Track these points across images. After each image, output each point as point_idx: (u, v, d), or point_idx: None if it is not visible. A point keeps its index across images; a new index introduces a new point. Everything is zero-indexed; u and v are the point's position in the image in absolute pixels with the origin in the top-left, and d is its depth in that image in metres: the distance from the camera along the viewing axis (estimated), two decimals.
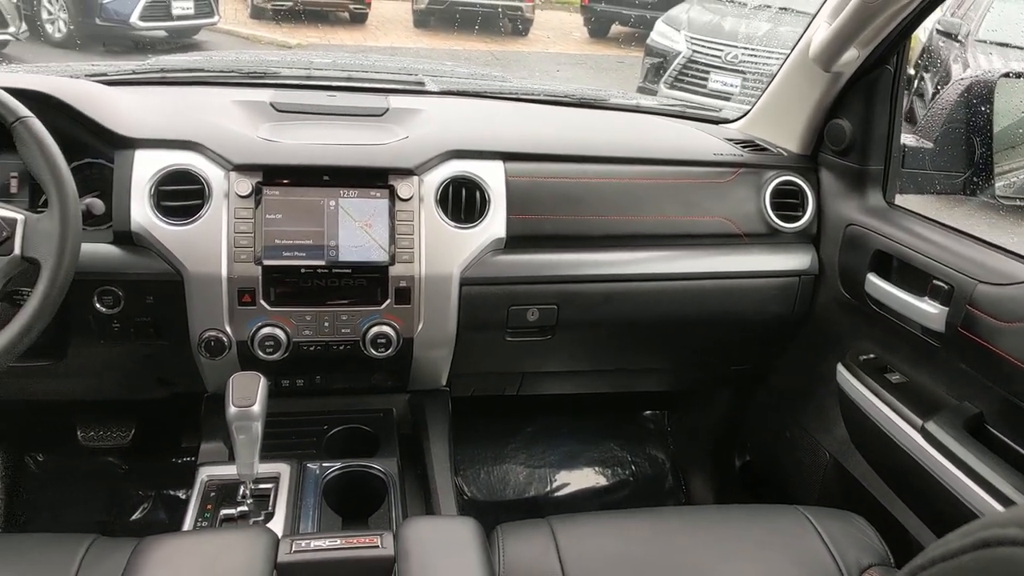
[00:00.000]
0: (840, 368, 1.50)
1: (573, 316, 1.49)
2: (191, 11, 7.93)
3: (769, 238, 1.57)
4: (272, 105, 1.55)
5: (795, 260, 1.58)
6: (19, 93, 1.17)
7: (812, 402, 1.68)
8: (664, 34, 6.12)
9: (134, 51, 7.51)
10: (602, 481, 2.10)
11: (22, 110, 1.12)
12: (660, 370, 1.87)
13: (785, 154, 1.63)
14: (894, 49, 1.41)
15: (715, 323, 1.60)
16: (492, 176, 1.44)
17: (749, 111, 1.78)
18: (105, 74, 1.70)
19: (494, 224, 1.43)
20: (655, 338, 1.65)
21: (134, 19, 7.47)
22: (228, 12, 9.04)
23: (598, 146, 1.55)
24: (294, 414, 1.51)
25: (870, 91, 1.46)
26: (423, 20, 10.01)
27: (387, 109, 1.59)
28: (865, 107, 1.48)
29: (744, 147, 1.64)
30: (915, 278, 1.35)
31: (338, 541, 0.97)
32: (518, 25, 10.03)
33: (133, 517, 1.91)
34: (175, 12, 7.79)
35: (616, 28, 10.06)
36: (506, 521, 1.21)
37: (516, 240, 1.44)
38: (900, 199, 1.55)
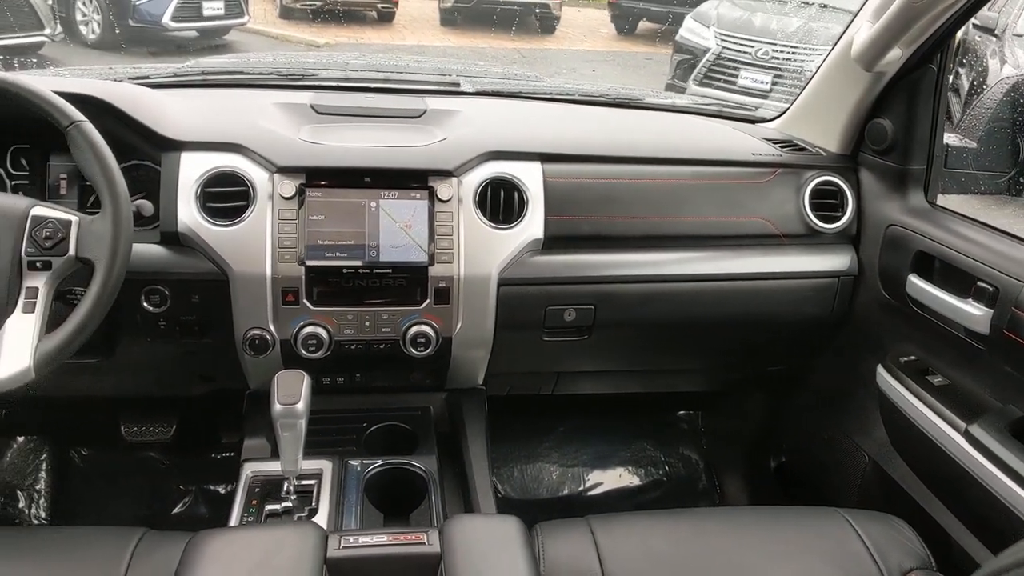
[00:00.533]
0: (880, 370, 1.49)
1: (610, 316, 1.50)
2: (221, 11, 8.02)
3: (808, 239, 1.56)
4: (312, 107, 1.57)
5: (834, 261, 1.57)
6: (71, 97, 1.20)
7: (850, 404, 1.66)
8: (693, 30, 6.07)
9: (166, 52, 7.62)
10: (635, 481, 2.10)
11: (76, 114, 1.15)
12: (695, 370, 1.87)
13: (824, 154, 1.62)
14: (938, 48, 1.40)
15: (752, 324, 1.59)
16: (530, 177, 1.45)
17: (786, 110, 1.77)
18: (148, 77, 1.73)
19: (532, 225, 1.44)
20: (692, 339, 1.65)
21: (166, 20, 7.58)
22: (257, 12, 9.12)
23: (636, 146, 1.55)
24: (334, 411, 1.53)
25: (913, 90, 1.45)
26: (450, 18, 10.04)
27: (425, 111, 1.61)
28: (907, 106, 1.46)
29: (782, 147, 1.63)
30: (958, 279, 1.33)
31: (385, 538, 0.99)
32: (545, 22, 10.01)
33: (175, 511, 1.95)
34: (206, 12, 7.89)
35: (644, 25, 10.00)
36: (538, 520, 1.22)
37: (553, 241, 1.45)
38: (942, 199, 1.53)
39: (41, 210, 1.12)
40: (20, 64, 5.63)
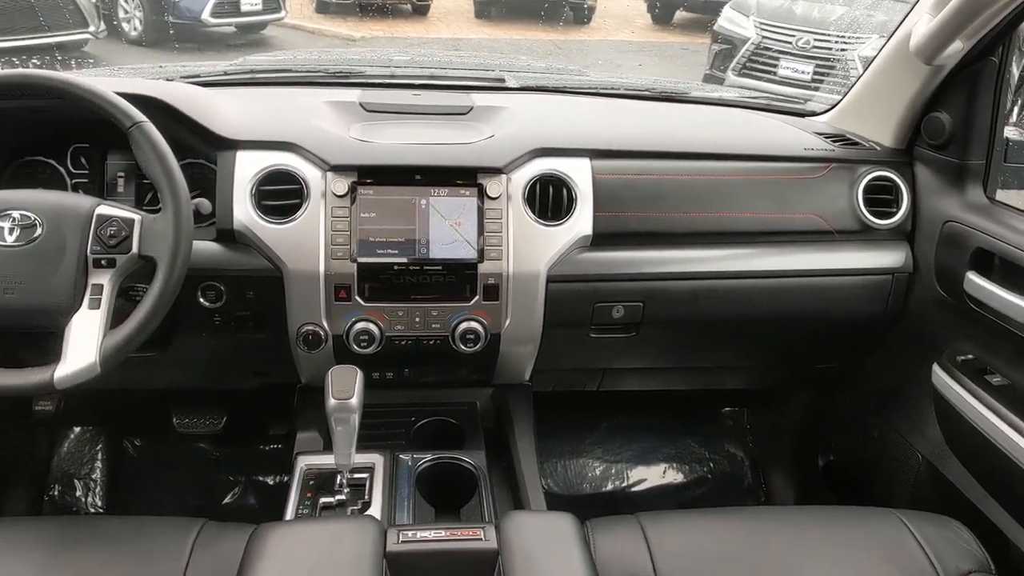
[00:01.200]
0: (936, 369, 1.46)
1: (659, 313, 1.49)
2: (259, 7, 8.12)
3: (861, 235, 1.54)
4: (361, 105, 1.58)
5: (888, 257, 1.54)
6: (131, 98, 1.22)
7: (904, 403, 1.64)
8: (732, 20, 5.99)
9: (205, 47, 7.74)
10: (680, 478, 2.09)
11: (138, 115, 1.17)
12: (743, 368, 1.85)
13: (878, 148, 1.59)
14: (1000, 40, 1.36)
15: (804, 321, 1.58)
16: (579, 174, 1.45)
17: (838, 104, 1.74)
18: (198, 75, 1.76)
19: (581, 221, 1.44)
20: (741, 336, 1.63)
21: (205, 16, 7.69)
22: (294, 7, 9.21)
23: (685, 142, 1.54)
24: (382, 406, 1.55)
25: (973, 83, 1.41)
26: (484, 11, 10.03)
27: (471, 107, 1.61)
28: (967, 100, 1.43)
29: (835, 141, 1.60)
30: (1020, 277, 1.30)
31: (442, 533, 1.00)
32: (580, 13, 9.94)
33: (225, 501, 1.99)
34: (244, 8, 7.99)
35: (681, 14, 9.88)
36: (582, 515, 1.22)
37: (602, 237, 1.45)
38: (1001, 195, 1.49)
39: (105, 209, 1.15)
40: (62, 62, 5.77)
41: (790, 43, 5.58)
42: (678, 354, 1.70)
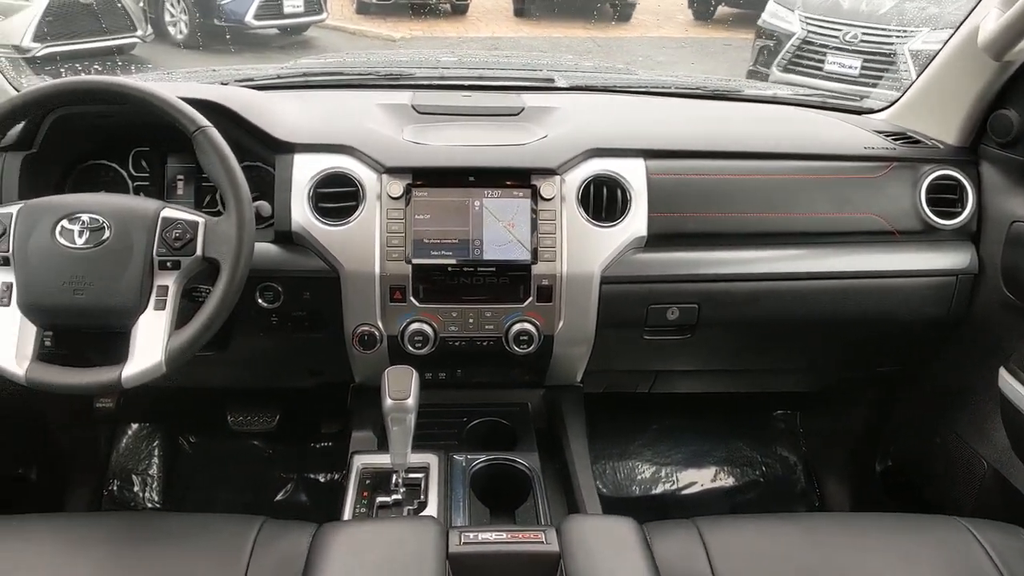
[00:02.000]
0: (1003, 373, 1.41)
1: (715, 315, 1.47)
2: (301, 8, 8.23)
3: (924, 236, 1.50)
4: (413, 107, 1.59)
5: (953, 259, 1.50)
6: (194, 103, 1.24)
7: (968, 407, 1.59)
8: (776, 14, 5.89)
9: (249, 49, 7.87)
10: (731, 481, 2.07)
11: (202, 120, 1.19)
12: (799, 370, 1.82)
13: (941, 147, 1.55)
14: None
15: (864, 324, 1.54)
16: (633, 174, 1.43)
17: (897, 100, 1.70)
18: (252, 79, 1.79)
19: (635, 222, 1.42)
20: (799, 338, 1.60)
21: (249, 18, 7.82)
22: (335, 8, 9.30)
23: (741, 141, 1.52)
24: (434, 406, 1.55)
25: None
26: (523, 9, 10.02)
27: (523, 108, 1.61)
28: None
29: (895, 139, 1.56)
30: None
31: (503, 535, 1.00)
32: (620, 10, 9.87)
33: (277, 498, 2.02)
34: (286, 10, 8.11)
35: (723, 9, 9.74)
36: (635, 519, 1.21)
37: (657, 238, 1.44)
38: None
39: (170, 212, 1.17)
40: (122, 67, 5.92)
41: (837, 37, 5.46)
42: (733, 357, 1.68)
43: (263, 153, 1.43)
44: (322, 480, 2.04)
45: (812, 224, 1.48)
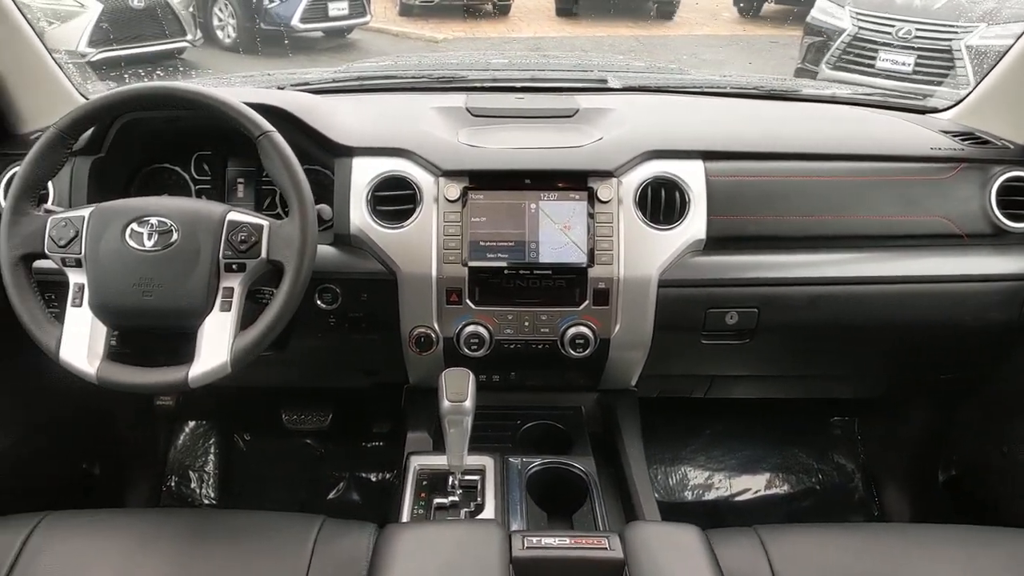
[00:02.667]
0: None
1: (774, 320, 1.44)
2: (346, 11, 8.33)
3: (994, 239, 1.45)
4: (468, 110, 1.60)
5: (1022, 263, 1.45)
6: (257, 107, 1.26)
7: None
8: (826, 10, 5.77)
9: (294, 52, 7.98)
10: (786, 488, 2.03)
11: (266, 125, 1.20)
12: (860, 376, 1.78)
13: (1012, 147, 1.50)
14: None
15: (928, 329, 1.50)
16: (692, 176, 1.42)
17: (964, 99, 1.65)
18: (308, 83, 1.81)
19: (694, 225, 1.41)
20: (860, 343, 1.57)
21: (295, 22, 7.93)
22: (378, 10, 9.39)
23: (801, 142, 1.49)
24: (488, 408, 1.55)
25: None
26: (566, 8, 9.98)
27: (577, 110, 1.60)
28: None
29: (963, 139, 1.51)
30: None
31: (567, 540, 1.00)
32: (663, 8, 9.77)
33: (330, 497, 2.05)
34: (331, 13, 8.21)
35: (769, 6, 9.59)
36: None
37: (716, 241, 1.42)
38: None
39: (236, 215, 1.19)
40: (183, 72, 6.07)
41: (889, 34, 5.33)
42: (792, 362, 1.64)
43: (322, 157, 1.45)
44: (374, 480, 2.06)
45: (876, 227, 1.45)
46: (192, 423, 2.13)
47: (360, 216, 1.40)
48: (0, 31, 1.39)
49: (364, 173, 1.41)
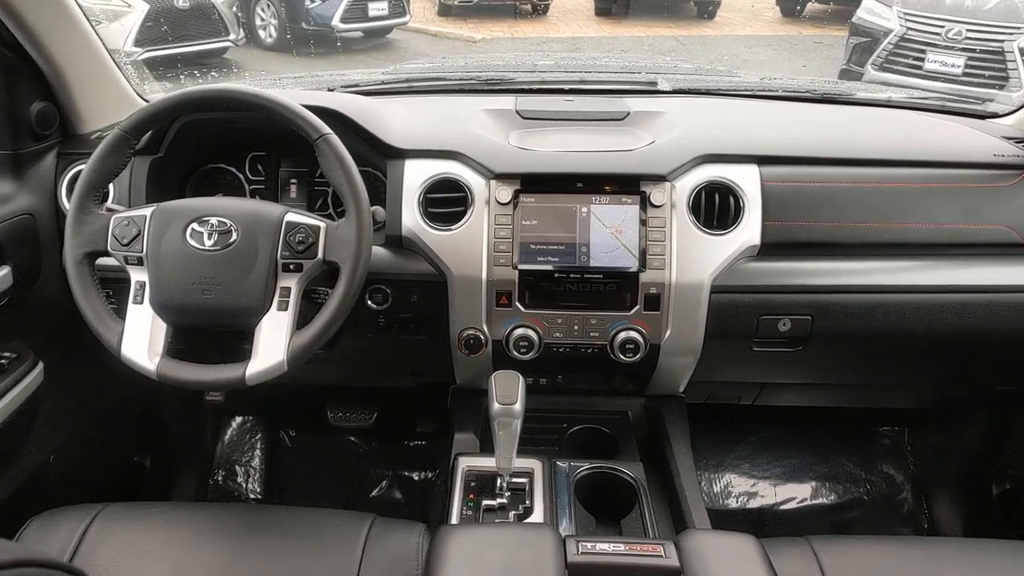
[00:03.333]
0: None
1: (828, 328, 1.42)
2: (385, 12, 8.40)
3: None
4: (518, 112, 1.60)
5: None
6: (314, 110, 1.27)
7: None
8: (873, 11, 5.65)
9: (335, 52, 8.07)
10: (832, 498, 1.99)
11: (324, 127, 1.22)
12: (914, 386, 1.74)
13: None
14: None
15: (988, 340, 1.46)
16: (747, 181, 1.40)
17: None
18: (357, 84, 1.83)
19: (748, 230, 1.39)
20: (916, 353, 1.53)
21: (335, 22, 8.02)
22: (417, 11, 9.45)
23: (858, 147, 1.46)
24: (535, 410, 1.55)
25: None
26: (605, 8, 9.94)
27: (628, 112, 1.60)
28: None
29: None
30: None
31: (622, 547, 0.99)
32: (704, 7, 9.66)
33: (373, 494, 2.06)
34: (371, 13, 8.29)
35: (812, 6, 9.44)
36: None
37: (770, 247, 1.40)
38: None
39: (293, 216, 1.20)
40: (235, 73, 6.18)
41: (939, 35, 5.21)
42: (844, 371, 1.61)
43: (374, 159, 1.46)
44: (416, 478, 2.07)
45: (935, 235, 1.41)
46: (239, 419, 2.16)
47: (412, 218, 1.40)
48: (66, 34, 1.42)
49: (416, 175, 1.42)
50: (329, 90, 1.77)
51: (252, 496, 2.08)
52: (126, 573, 1.11)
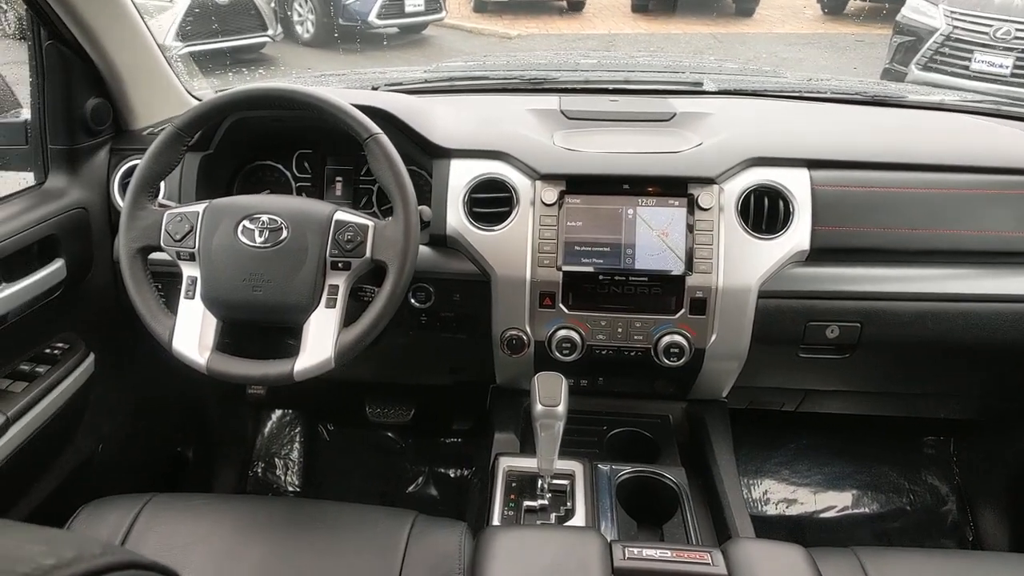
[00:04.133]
0: None
1: (877, 335, 1.39)
2: (421, 7, 8.44)
3: None
4: (563, 112, 1.59)
5: None
6: (362, 109, 1.28)
7: None
8: (918, 9, 5.53)
9: (371, 47, 8.13)
10: (874, 507, 1.96)
11: (374, 127, 1.22)
12: (963, 396, 1.70)
13: None
14: None
15: None
16: (797, 185, 1.38)
17: None
18: (401, 83, 1.83)
19: (797, 235, 1.37)
20: (968, 363, 1.50)
21: (372, 17, 8.08)
22: (452, 7, 9.47)
23: (912, 151, 1.43)
24: (574, 412, 1.54)
25: None
26: (641, 5, 9.87)
27: (674, 114, 1.58)
28: None
29: None
30: None
31: (668, 553, 0.98)
32: (742, 5, 9.54)
33: (408, 490, 2.08)
34: (407, 9, 8.33)
35: (854, 3, 9.28)
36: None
37: (820, 252, 1.37)
38: None
39: (342, 215, 1.21)
40: (270, 69, 6.25)
41: (986, 34, 5.09)
42: (893, 379, 1.58)
43: (421, 158, 1.46)
44: (452, 475, 2.08)
45: (990, 242, 1.38)
46: (279, 412, 2.19)
47: (456, 217, 1.41)
48: (122, 32, 1.45)
49: (462, 175, 1.42)
50: (373, 88, 1.78)
51: (290, 488, 2.10)
52: (172, 562, 1.12)
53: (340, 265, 1.20)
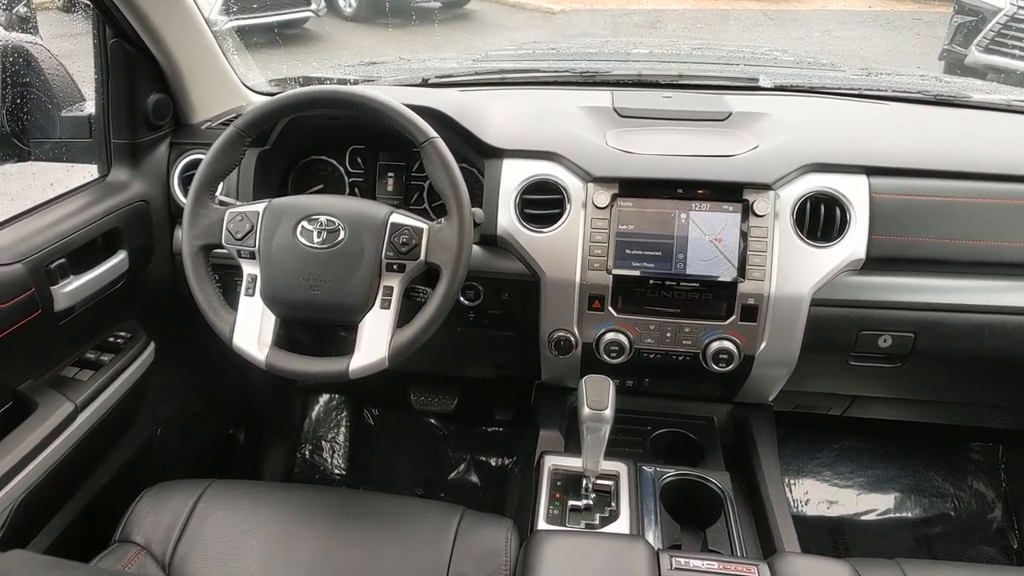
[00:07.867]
0: None
1: (931, 346, 1.37)
2: None
3: None
4: (615, 110, 1.58)
5: None
6: (417, 110, 1.29)
7: None
8: None
9: (412, 23, 8.07)
10: (917, 512, 1.94)
11: (430, 131, 1.23)
12: (1016, 407, 1.67)
13: None
14: None
15: None
16: (855, 192, 1.35)
17: None
18: (451, 75, 1.83)
19: (853, 244, 1.35)
20: (1022, 377, 1.47)
21: None
22: None
23: (977, 159, 1.39)
24: (618, 411, 1.55)
25: None
26: None
27: (730, 113, 1.56)
28: None
29: None
30: None
31: (715, 564, 1.00)
32: None
33: (450, 477, 2.12)
34: None
35: None
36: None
37: (876, 262, 1.35)
38: None
39: (398, 217, 1.23)
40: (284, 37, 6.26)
41: None
42: (944, 389, 1.56)
43: (473, 158, 1.47)
44: (493, 464, 2.11)
45: None
46: (325, 396, 2.24)
47: (507, 218, 1.41)
48: (183, 29, 1.47)
49: (513, 176, 1.43)
50: (423, 80, 1.79)
51: (336, 471, 2.16)
52: (229, 547, 1.17)
53: (395, 267, 1.22)
